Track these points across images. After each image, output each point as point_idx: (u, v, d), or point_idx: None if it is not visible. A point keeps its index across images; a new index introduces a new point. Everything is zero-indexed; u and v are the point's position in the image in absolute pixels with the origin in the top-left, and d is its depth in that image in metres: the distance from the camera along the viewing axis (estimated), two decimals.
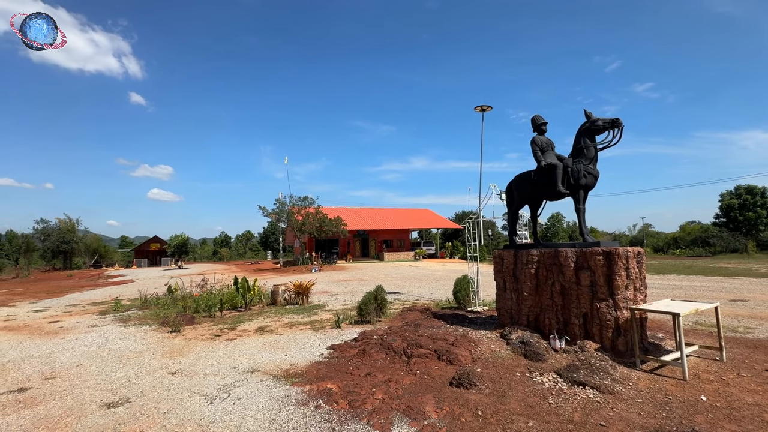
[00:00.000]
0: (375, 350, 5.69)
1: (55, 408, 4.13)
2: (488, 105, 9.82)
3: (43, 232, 41.60)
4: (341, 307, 10.34)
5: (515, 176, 7.25)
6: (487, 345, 5.78)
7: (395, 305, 10.42)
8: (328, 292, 14.18)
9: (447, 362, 5.16)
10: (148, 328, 8.33)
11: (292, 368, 5.26)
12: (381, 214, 44.98)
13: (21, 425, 3.73)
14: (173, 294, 12.08)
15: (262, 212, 32.85)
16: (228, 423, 3.65)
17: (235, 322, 8.59)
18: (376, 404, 3.93)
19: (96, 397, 4.42)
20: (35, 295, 16.70)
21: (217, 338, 7.18)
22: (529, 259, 6.19)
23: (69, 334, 7.94)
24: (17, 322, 9.65)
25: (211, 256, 62.69)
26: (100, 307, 12.07)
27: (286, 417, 3.73)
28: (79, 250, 43.30)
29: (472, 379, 4.36)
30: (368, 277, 20.47)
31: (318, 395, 4.23)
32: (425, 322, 7.57)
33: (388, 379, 4.61)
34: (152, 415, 3.86)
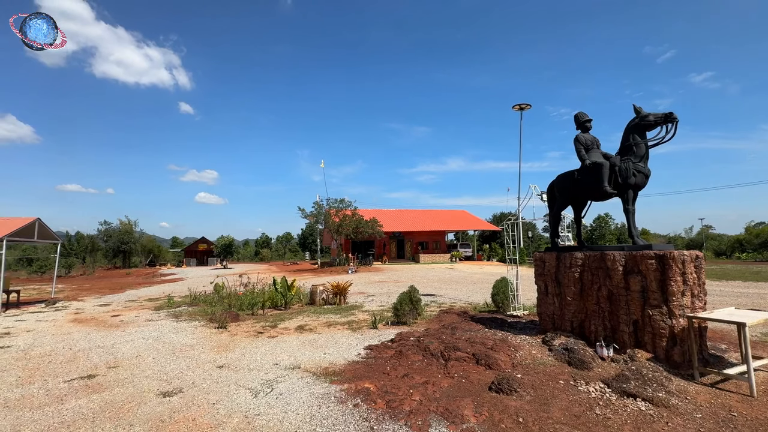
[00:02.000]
0: (412, 352, 5.69)
1: (118, 394, 4.51)
2: (527, 103, 9.53)
3: (105, 233, 45.48)
4: (377, 308, 10.43)
5: (557, 176, 6.97)
6: (528, 350, 5.60)
7: (431, 308, 10.35)
8: (364, 293, 14.34)
9: (486, 366, 5.06)
10: (198, 323, 8.85)
11: (330, 366, 5.39)
12: (416, 216, 44.84)
13: (91, 408, 4.11)
14: (219, 292, 12.75)
15: (301, 214, 33.85)
16: (271, 416, 3.81)
17: (276, 321, 8.92)
18: (413, 406, 3.94)
19: (153, 386, 4.77)
20: (99, 291, 18.27)
21: (260, 335, 7.49)
22: (573, 262, 5.93)
23: (129, 327, 8.62)
24: (85, 315, 10.62)
25: (253, 257, 65.46)
26: (155, 303, 12.99)
27: (325, 413, 3.83)
28: (136, 250, 46.88)
29: (513, 384, 4.25)
30: (404, 278, 20.47)
31: (356, 394, 4.31)
32: (462, 325, 7.46)
33: (425, 381, 4.60)
34: (203, 405, 4.11)
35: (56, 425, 3.72)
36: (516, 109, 9.59)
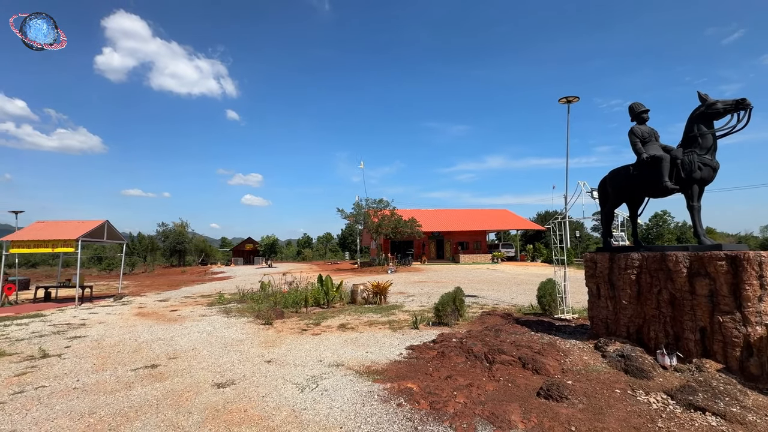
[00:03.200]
0: (454, 353, 5.60)
1: (178, 384, 4.84)
2: (574, 96, 9.05)
3: (163, 234, 49.08)
4: (418, 308, 10.38)
5: (610, 171, 6.56)
6: (579, 356, 5.31)
7: (473, 309, 10.13)
8: (404, 293, 14.33)
9: (533, 371, 4.87)
10: (246, 319, 9.29)
11: (373, 365, 5.43)
12: (456, 215, 44.10)
13: (154, 395, 4.45)
14: (265, 290, 13.31)
15: (341, 214, 34.50)
16: (317, 411, 3.91)
17: (318, 319, 9.15)
18: (458, 408, 3.87)
19: (208, 377, 5.08)
20: (159, 288, 19.74)
21: (304, 332, 7.73)
22: (629, 264, 5.54)
23: (185, 322, 9.23)
24: (147, 310, 11.52)
25: (295, 256, 67.65)
26: (208, 299, 13.82)
27: (369, 411, 3.87)
28: (189, 250, 50.14)
29: (563, 391, 4.05)
30: (444, 279, 20.21)
31: (399, 394, 4.31)
32: (507, 327, 7.23)
33: (469, 384, 4.51)
34: (253, 398, 4.31)
35: (125, 409, 4.06)
36: (563, 102, 9.14)
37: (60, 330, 8.54)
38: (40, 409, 4.12)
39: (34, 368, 5.61)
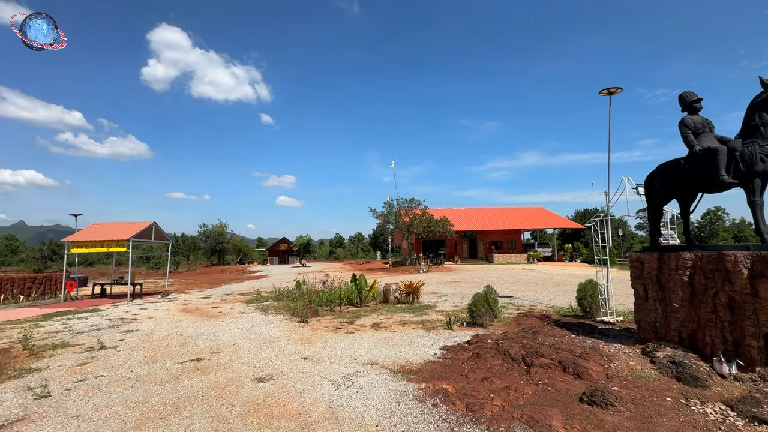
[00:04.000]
0: (490, 355, 5.48)
1: (221, 377, 5.07)
2: (617, 87, 8.58)
3: (204, 235, 51.58)
4: (451, 309, 10.25)
5: (658, 166, 6.16)
6: (625, 361, 5.04)
7: (509, 310, 9.87)
8: (437, 293, 14.21)
9: (574, 375, 4.67)
10: (282, 317, 9.57)
11: (407, 365, 5.43)
12: (489, 214, 43.13)
13: (200, 387, 4.68)
14: (300, 289, 13.65)
15: (372, 214, 34.71)
16: (353, 409, 3.96)
17: (352, 317, 9.26)
18: (495, 411, 3.79)
19: (248, 372, 5.28)
20: (201, 285, 20.76)
21: (338, 330, 7.85)
22: (681, 264, 5.19)
23: (226, 318, 9.65)
24: (191, 306, 12.15)
25: (328, 256, 68.86)
26: (246, 297, 14.37)
27: (405, 411, 3.87)
28: (228, 249, 52.38)
29: (608, 397, 3.85)
30: (477, 279, 19.83)
31: (434, 394, 4.28)
32: (545, 329, 6.98)
33: (506, 387, 4.39)
34: (291, 393, 4.43)
35: (174, 400, 4.31)
36: (604, 93, 8.69)
37: (115, 324, 9.19)
38: (99, 396, 4.46)
39: (93, 359, 6.08)
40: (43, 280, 15.03)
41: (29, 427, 3.68)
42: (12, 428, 3.67)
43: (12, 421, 3.83)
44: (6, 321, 9.91)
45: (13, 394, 4.57)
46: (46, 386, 4.74)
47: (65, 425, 3.71)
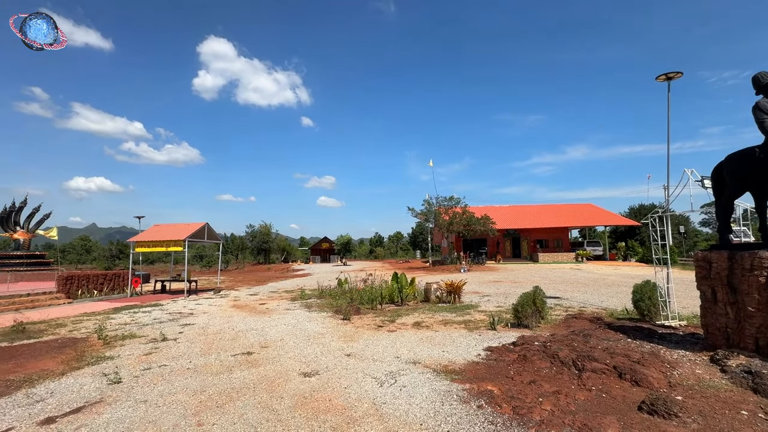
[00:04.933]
0: (538, 357, 5.28)
1: (270, 371, 5.31)
2: (676, 71, 7.90)
3: (251, 235, 54.20)
4: (495, 309, 9.98)
5: (727, 156, 5.60)
6: (690, 369, 4.64)
7: (556, 311, 9.44)
8: (479, 292, 13.90)
9: (632, 382, 4.37)
10: (326, 314, 9.82)
11: (450, 365, 5.36)
12: (533, 212, 41.46)
13: (251, 380, 4.93)
14: (342, 287, 13.93)
15: (411, 213, 34.61)
16: (397, 407, 3.98)
17: (393, 316, 9.30)
18: (544, 415, 3.64)
19: (295, 366, 5.47)
20: (249, 283, 21.82)
21: (380, 329, 7.92)
22: (757, 264, 4.68)
23: (273, 314, 10.08)
24: (241, 302, 12.82)
25: (368, 255, 69.64)
26: (291, 294, 14.91)
27: (449, 411, 3.83)
28: (273, 249, 54.64)
29: (671, 407, 3.57)
30: (522, 278, 19.14)
31: (479, 395, 4.19)
32: (597, 332, 6.60)
33: (556, 391, 4.21)
34: (336, 388, 4.54)
35: (228, 390, 4.57)
36: (661, 80, 8.04)
37: (174, 318, 9.91)
38: (163, 384, 4.83)
39: (157, 349, 6.60)
40: (112, 277, 16.54)
41: (105, 409, 4.07)
42: (91, 410, 4.08)
43: (91, 403, 4.26)
44: (83, 313, 11.03)
45: (91, 378, 5.08)
46: (117, 373, 5.22)
47: (135, 409, 4.07)
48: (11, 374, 5.31)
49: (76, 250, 66.54)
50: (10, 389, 4.73)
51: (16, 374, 5.30)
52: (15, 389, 4.73)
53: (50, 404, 4.24)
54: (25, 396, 4.50)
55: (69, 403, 4.24)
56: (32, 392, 4.62)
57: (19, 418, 3.88)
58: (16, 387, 4.80)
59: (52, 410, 4.07)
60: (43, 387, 4.80)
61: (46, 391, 4.66)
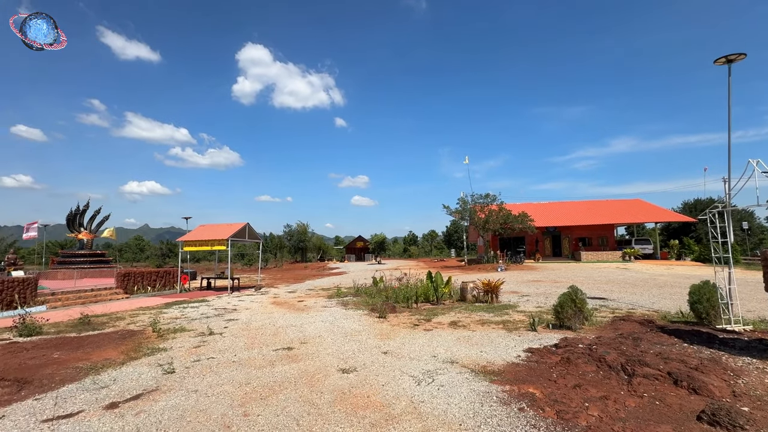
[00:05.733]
0: (582, 361, 5.05)
1: (309, 366, 5.46)
2: (738, 53, 7.23)
3: (288, 234, 55.87)
4: (534, 309, 9.65)
5: None
6: (758, 378, 4.25)
7: (602, 313, 8.97)
8: (517, 292, 13.50)
9: (689, 390, 4.07)
10: (362, 312, 9.94)
11: (488, 365, 5.26)
12: (574, 208, 39.60)
13: (292, 374, 5.10)
14: (377, 285, 14.04)
15: (446, 211, 34.18)
16: (435, 406, 3.96)
17: (429, 315, 9.25)
18: (591, 421, 3.48)
19: (333, 362, 5.59)
20: (287, 280, 22.53)
21: (416, 327, 7.90)
22: None
23: (310, 312, 10.34)
24: (280, 300, 13.27)
25: (402, 253, 69.63)
26: (327, 292, 15.23)
27: (489, 412, 3.75)
28: (310, 248, 56.03)
29: (737, 418, 3.29)
30: (563, 278, 18.36)
31: (520, 397, 4.08)
32: (648, 336, 6.21)
33: (603, 396, 4.01)
34: (374, 385, 4.59)
35: (271, 383, 4.75)
36: (721, 62, 7.40)
37: (219, 313, 10.44)
38: (211, 375, 5.11)
39: (204, 343, 6.98)
40: (163, 274, 17.69)
41: (161, 397, 4.37)
42: (149, 397, 4.39)
43: (148, 390, 4.59)
44: (139, 307, 11.89)
45: (148, 368, 5.47)
46: (171, 364, 5.58)
47: (187, 398, 4.33)
48: (80, 362, 5.83)
49: (131, 249, 71.79)
50: (79, 375, 5.20)
51: (84, 362, 5.82)
52: (83, 376, 5.19)
53: (113, 390, 4.61)
54: (92, 382, 4.93)
55: (129, 390, 4.60)
56: (98, 379, 5.04)
57: (87, 402, 4.26)
58: (84, 374, 5.27)
59: (115, 396, 4.43)
60: (107, 374, 5.23)
61: (110, 378, 5.07)
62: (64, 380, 5.01)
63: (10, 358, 6.11)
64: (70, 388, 4.73)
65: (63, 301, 12.89)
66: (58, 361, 5.89)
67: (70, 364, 5.74)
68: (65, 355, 6.23)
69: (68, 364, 5.71)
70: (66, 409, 4.09)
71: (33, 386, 4.81)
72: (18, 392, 4.61)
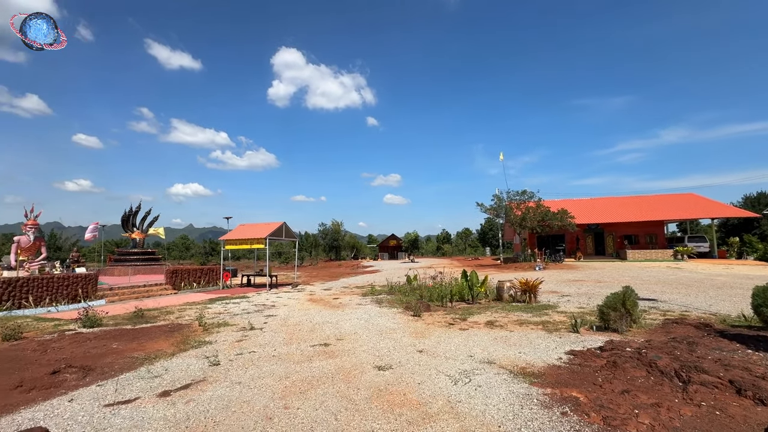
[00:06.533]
0: (631, 365, 4.77)
1: (345, 362, 5.55)
2: None
3: (323, 233, 57.09)
4: (576, 310, 9.24)
5: None
6: None
7: (651, 315, 8.43)
8: (557, 292, 12.98)
9: (755, 401, 3.74)
10: (396, 310, 9.97)
11: (528, 367, 5.10)
12: (619, 204, 37.45)
13: (329, 370, 5.21)
14: (411, 284, 14.01)
15: (480, 209, 33.52)
16: (473, 406, 3.90)
17: (464, 314, 9.11)
18: (642, 429, 3.28)
19: (369, 359, 5.65)
20: (322, 278, 23.02)
21: (451, 326, 7.81)
22: None
23: (345, 309, 10.51)
24: (316, 297, 13.58)
25: (435, 252, 69.03)
26: (362, 290, 15.40)
27: (529, 415, 3.64)
28: (343, 246, 56.92)
29: None
30: (607, 278, 17.44)
31: (562, 401, 3.92)
32: (705, 341, 5.77)
33: (655, 404, 3.77)
34: (410, 383, 4.59)
35: (309, 378, 4.88)
36: None
37: (259, 309, 10.85)
38: (253, 368, 5.33)
39: (246, 337, 7.29)
40: (207, 271, 18.65)
41: (208, 387, 4.61)
42: (197, 387, 4.65)
43: (196, 381, 4.86)
44: (186, 302, 12.61)
45: (195, 360, 5.80)
46: (216, 356, 5.88)
47: (232, 389, 4.55)
48: (135, 352, 6.28)
49: (178, 247, 76.20)
50: (135, 365, 5.60)
51: (139, 353, 6.26)
52: (139, 365, 5.58)
53: (165, 380, 4.93)
54: (146, 371, 5.29)
55: (179, 380, 4.89)
56: (151, 368, 5.41)
57: (143, 390, 4.58)
58: (140, 363, 5.67)
59: (167, 385, 4.73)
60: (159, 365, 5.59)
61: (162, 368, 5.42)
62: (122, 369, 5.42)
63: (76, 347, 6.69)
64: (128, 376, 5.11)
65: (119, 296, 13.94)
66: (117, 351, 6.37)
67: (127, 354, 6.20)
68: (122, 346, 6.73)
69: (125, 354, 6.16)
70: (124, 395, 4.42)
71: (96, 373, 5.24)
72: (83, 378, 5.04)
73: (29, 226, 14.32)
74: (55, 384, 4.84)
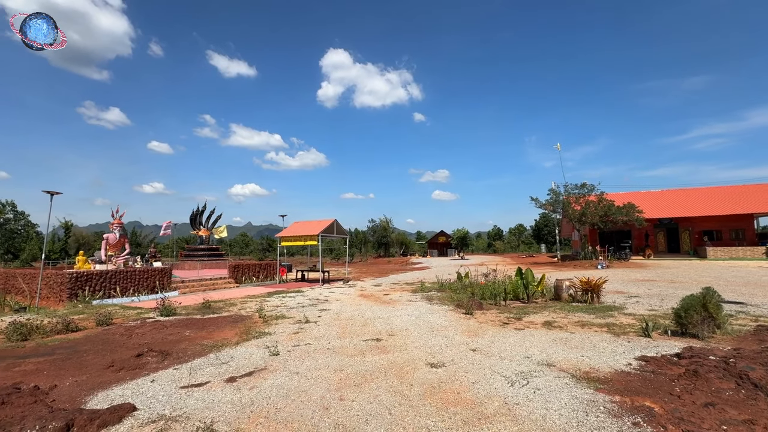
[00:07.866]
0: (716, 375, 4.27)
1: (398, 358, 5.58)
2: None
3: (372, 230, 57.86)
4: (647, 313, 8.47)
5: None
6: None
7: (739, 320, 7.49)
8: (623, 292, 12.00)
9: None
10: (447, 308, 9.83)
11: (592, 371, 4.77)
12: (697, 196, 33.67)
13: (382, 365, 5.27)
14: (462, 281, 13.74)
15: (535, 203, 31.93)
16: (531, 410, 3.72)
17: (519, 313, 8.74)
18: None
19: (421, 356, 5.63)
20: (372, 274, 23.36)
21: (506, 326, 7.53)
22: None
23: (396, 305, 10.56)
24: (366, 292, 13.81)
25: (486, 248, 67.04)
26: (411, 286, 15.39)
27: (595, 424, 3.40)
28: (392, 243, 57.27)
29: None
30: (683, 278, 15.79)
31: (634, 411, 3.61)
32: None
33: (748, 420, 3.34)
34: (464, 382, 4.50)
35: (363, 372, 4.98)
36: None
37: (313, 303, 11.28)
38: (309, 360, 5.55)
39: (302, 330, 7.61)
40: (265, 267, 19.76)
41: (269, 375, 4.89)
42: (259, 375, 4.95)
43: (258, 369, 5.17)
44: (247, 296, 13.46)
45: (257, 349, 6.17)
46: (275, 347, 6.21)
47: (290, 378, 4.77)
48: (205, 340, 6.82)
49: (238, 244, 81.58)
50: (205, 351, 6.09)
51: (208, 340, 6.79)
52: (208, 352, 6.06)
53: (231, 366, 5.30)
54: (215, 358, 5.73)
55: (243, 368, 5.23)
56: (219, 355, 5.85)
57: (212, 375, 4.97)
58: (209, 350, 6.15)
59: (233, 372, 5.08)
60: (226, 352, 6.02)
61: (228, 356, 5.84)
62: (194, 354, 5.92)
63: (156, 333, 7.43)
64: (199, 361, 5.57)
65: (190, 288, 15.24)
66: (189, 338, 6.98)
67: (197, 341, 6.76)
68: (194, 334, 7.35)
69: (196, 341, 6.72)
70: (197, 379, 4.82)
71: (172, 358, 5.77)
72: (162, 362, 5.58)
73: (115, 225, 16.17)
74: (139, 365, 5.41)
